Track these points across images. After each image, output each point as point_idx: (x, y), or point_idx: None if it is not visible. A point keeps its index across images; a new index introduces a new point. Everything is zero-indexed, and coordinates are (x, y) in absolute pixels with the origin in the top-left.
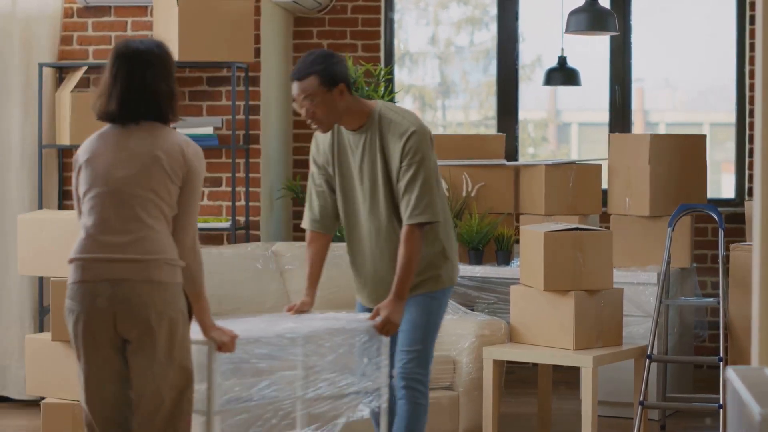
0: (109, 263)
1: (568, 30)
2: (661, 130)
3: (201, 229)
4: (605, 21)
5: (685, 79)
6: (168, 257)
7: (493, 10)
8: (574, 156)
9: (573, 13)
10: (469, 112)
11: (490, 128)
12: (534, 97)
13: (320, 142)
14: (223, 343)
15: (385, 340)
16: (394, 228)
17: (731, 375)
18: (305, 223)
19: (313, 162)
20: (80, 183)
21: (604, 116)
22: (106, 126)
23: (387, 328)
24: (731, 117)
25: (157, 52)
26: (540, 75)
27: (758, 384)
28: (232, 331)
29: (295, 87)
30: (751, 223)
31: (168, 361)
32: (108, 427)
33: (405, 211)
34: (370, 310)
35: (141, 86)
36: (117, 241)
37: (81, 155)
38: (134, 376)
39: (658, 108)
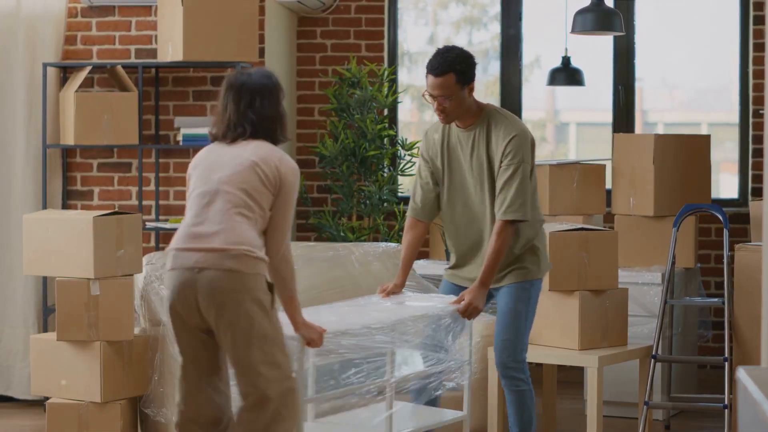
0: (196, 252)
1: (574, 30)
2: (660, 130)
3: None
4: (611, 21)
5: (683, 79)
6: (248, 249)
7: (492, 10)
8: (572, 156)
9: (579, 13)
10: None
11: None
12: (531, 98)
13: (430, 137)
14: (312, 339)
15: (468, 322)
16: (489, 219)
17: (742, 375)
18: (410, 210)
19: (422, 156)
20: (189, 189)
21: (603, 116)
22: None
23: (470, 312)
24: (729, 117)
25: (266, 82)
26: (538, 75)
27: None
28: (321, 327)
29: (432, 81)
30: (757, 223)
31: (246, 347)
32: (193, 407)
33: (500, 207)
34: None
35: (248, 111)
36: (204, 232)
37: (191, 167)
38: (225, 359)
39: (656, 108)
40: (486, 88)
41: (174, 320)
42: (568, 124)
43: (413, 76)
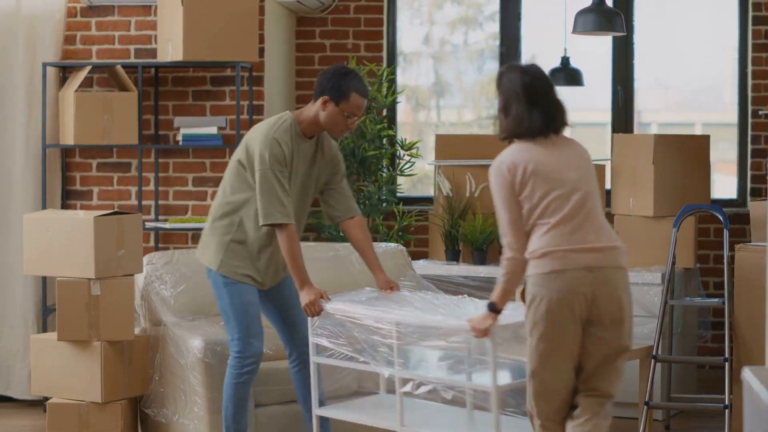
0: (589, 253)
1: (575, 30)
2: (653, 130)
3: None
4: (613, 21)
5: (676, 80)
6: (622, 244)
7: (488, 10)
8: None
9: (581, 14)
10: (463, 112)
11: (484, 128)
12: None
13: (284, 145)
14: None
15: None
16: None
17: (748, 375)
18: (288, 218)
19: (285, 162)
20: (534, 188)
21: (596, 116)
22: (522, 141)
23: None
24: (723, 117)
25: (544, 72)
26: None
27: None
28: None
29: (363, 103)
30: (758, 224)
31: (626, 343)
32: (556, 401)
33: (353, 205)
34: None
35: (555, 103)
36: (589, 232)
37: (523, 164)
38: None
39: (649, 108)
40: (481, 87)
41: (557, 320)
42: None
43: (408, 77)
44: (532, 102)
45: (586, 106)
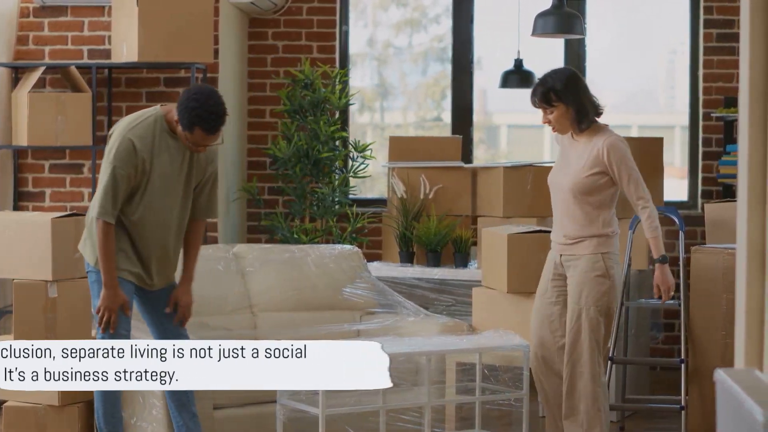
0: None
1: (534, 32)
2: None
3: None
4: (572, 24)
5: (611, 82)
6: None
7: (432, 12)
8: (502, 158)
9: (541, 16)
10: (407, 113)
11: (428, 130)
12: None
13: (140, 143)
14: None
15: None
16: (186, 221)
17: (722, 377)
18: (108, 217)
19: (131, 163)
20: None
21: (534, 118)
22: None
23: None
24: (659, 119)
25: None
26: (477, 77)
27: (753, 386)
28: None
29: (213, 138)
30: (714, 226)
31: None
32: None
33: (203, 209)
34: (142, 289)
35: None
36: None
37: None
38: None
39: None
40: (426, 89)
41: None
42: (499, 126)
43: (352, 78)
44: None
45: (516, 108)
